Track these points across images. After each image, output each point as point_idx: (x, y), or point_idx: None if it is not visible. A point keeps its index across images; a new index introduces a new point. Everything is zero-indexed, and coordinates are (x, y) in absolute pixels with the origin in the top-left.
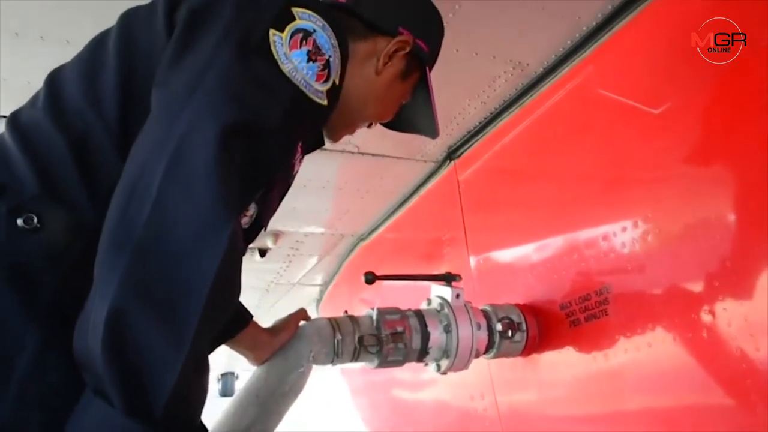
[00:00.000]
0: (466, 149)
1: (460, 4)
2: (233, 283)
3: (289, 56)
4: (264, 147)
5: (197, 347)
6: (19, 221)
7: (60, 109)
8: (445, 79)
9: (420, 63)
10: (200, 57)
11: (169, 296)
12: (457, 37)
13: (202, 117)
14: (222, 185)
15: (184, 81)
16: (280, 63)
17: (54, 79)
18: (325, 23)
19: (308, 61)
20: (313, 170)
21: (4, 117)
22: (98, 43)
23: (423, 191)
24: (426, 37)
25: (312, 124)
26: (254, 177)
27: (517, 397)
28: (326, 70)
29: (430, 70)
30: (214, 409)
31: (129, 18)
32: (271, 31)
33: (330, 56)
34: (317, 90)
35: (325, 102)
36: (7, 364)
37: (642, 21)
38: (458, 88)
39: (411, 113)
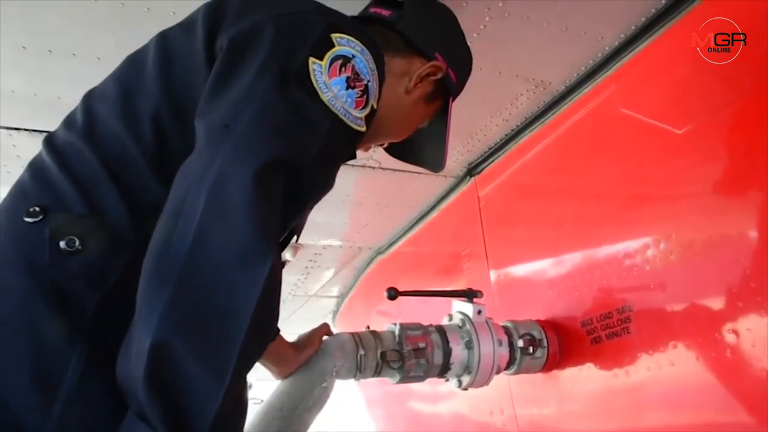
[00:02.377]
0: (486, 165)
1: (485, 24)
2: (273, 313)
3: (329, 84)
4: (304, 179)
5: (239, 377)
6: (62, 243)
7: (96, 132)
8: (468, 96)
9: (445, 92)
10: (239, 89)
11: (210, 329)
12: (481, 57)
13: (239, 153)
14: (260, 220)
15: (223, 114)
16: (320, 92)
17: (90, 101)
18: (364, 47)
19: (347, 88)
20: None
21: (36, 131)
22: (134, 64)
23: (443, 206)
24: (457, 68)
25: (351, 149)
26: (294, 207)
27: (537, 412)
28: (365, 96)
29: (452, 102)
30: None
31: (167, 42)
32: (311, 60)
33: (368, 81)
34: (356, 117)
35: (363, 128)
36: (51, 385)
37: (665, 41)
38: (480, 105)
39: (421, 144)
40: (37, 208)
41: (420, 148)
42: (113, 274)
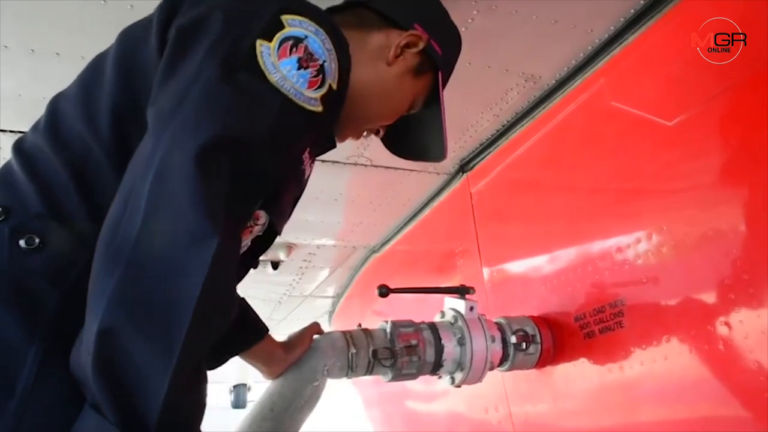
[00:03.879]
0: (478, 161)
1: (473, 18)
2: (225, 295)
3: (277, 66)
4: (254, 158)
5: (187, 360)
6: (21, 242)
7: (58, 131)
8: (458, 91)
9: (433, 65)
10: (185, 74)
11: (156, 312)
12: (470, 51)
13: (181, 135)
14: (202, 200)
15: (169, 99)
16: (267, 74)
17: (54, 103)
18: (319, 28)
19: (299, 68)
20: (326, 183)
21: (21, 132)
22: (96, 63)
23: (435, 203)
24: (441, 40)
25: (312, 131)
26: (248, 188)
27: (532, 409)
28: (320, 76)
29: (445, 80)
30: (226, 421)
31: (125, 36)
32: (258, 42)
33: (324, 61)
34: (309, 97)
35: (319, 108)
36: (8, 379)
37: (654, 33)
38: (471, 100)
39: (419, 135)
40: (0, 209)
41: (418, 140)
42: (74, 270)
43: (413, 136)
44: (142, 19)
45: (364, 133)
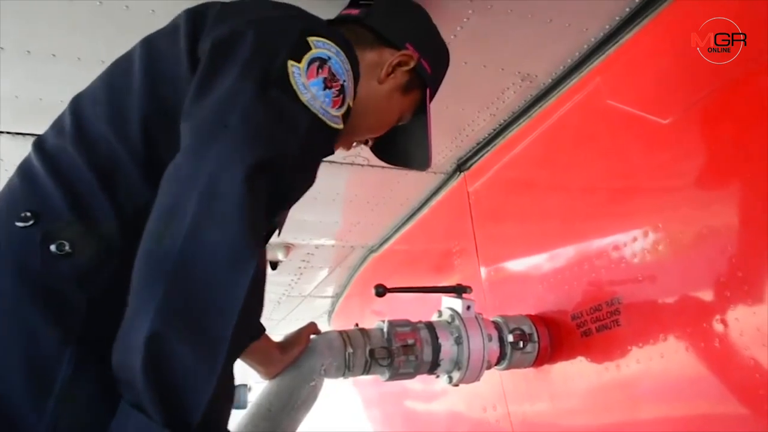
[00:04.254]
0: (475, 161)
1: (468, 18)
2: (258, 305)
3: (307, 86)
4: (287, 178)
5: (228, 366)
6: (52, 247)
7: (85, 136)
8: (454, 91)
9: (422, 83)
10: (222, 92)
11: (203, 322)
12: (465, 51)
13: (229, 156)
14: (249, 220)
15: (209, 117)
16: (299, 94)
17: (79, 106)
18: (339, 49)
19: (324, 88)
20: (323, 183)
21: (18, 134)
22: (120, 67)
23: (433, 203)
24: (430, 59)
25: (330, 146)
26: (277, 205)
27: (530, 407)
28: (341, 96)
29: (432, 96)
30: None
31: (151, 45)
32: (290, 63)
33: (344, 81)
34: (333, 116)
35: (340, 126)
36: (45, 383)
37: (649, 32)
38: (467, 100)
39: (406, 144)
40: (29, 213)
41: (405, 148)
42: (103, 276)
43: (400, 143)
44: (165, 28)
45: (354, 144)
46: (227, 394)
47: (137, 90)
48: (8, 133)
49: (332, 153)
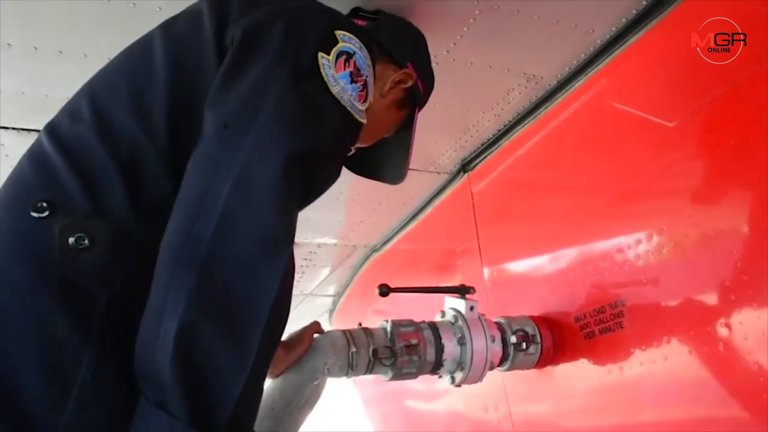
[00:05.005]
0: (480, 161)
1: (474, 18)
2: (289, 300)
3: (337, 78)
4: (321, 169)
5: (259, 363)
6: (71, 240)
7: (106, 126)
8: (460, 92)
9: (413, 102)
10: (253, 80)
11: (235, 313)
12: (471, 52)
13: (266, 145)
14: (284, 210)
15: (241, 105)
16: (329, 85)
17: (97, 95)
18: (362, 45)
19: (351, 82)
20: None
21: (24, 130)
22: (138, 55)
23: (436, 203)
24: (424, 80)
25: (355, 140)
26: (310, 197)
27: (532, 409)
28: (365, 90)
29: (418, 114)
30: None
31: (170, 31)
32: (320, 54)
33: (367, 77)
34: (360, 110)
35: (364, 120)
36: (64, 383)
37: (656, 34)
38: (472, 100)
39: (381, 157)
40: (44, 203)
41: (378, 161)
42: (122, 271)
43: (373, 156)
44: (184, 14)
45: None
46: (256, 395)
47: (161, 80)
48: (14, 128)
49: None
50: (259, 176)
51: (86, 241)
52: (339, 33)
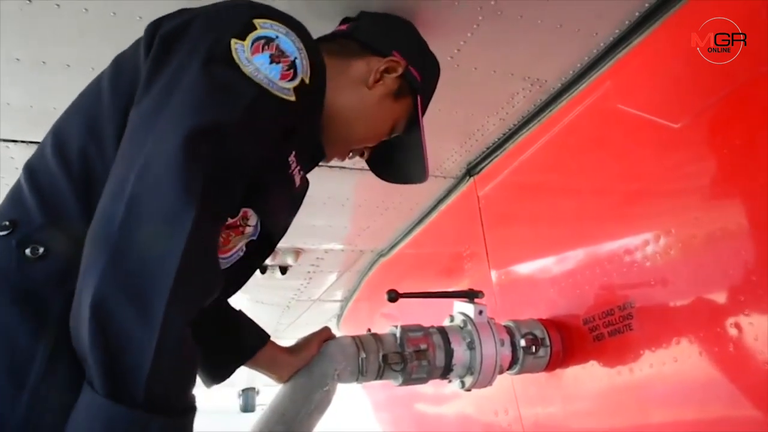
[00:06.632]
0: (485, 165)
1: (478, 24)
2: (204, 266)
3: (251, 59)
4: (230, 142)
5: (171, 328)
6: (27, 251)
7: (61, 148)
8: (464, 96)
9: (412, 90)
10: (168, 75)
11: (141, 281)
12: (475, 56)
13: (166, 131)
14: (181, 180)
15: (153, 100)
16: (241, 66)
17: (58, 122)
18: (289, 30)
19: (271, 63)
20: (333, 187)
21: (33, 143)
22: (95, 82)
23: (443, 207)
24: (419, 67)
25: (288, 121)
26: (227, 171)
27: (542, 412)
28: (292, 69)
29: (424, 106)
30: (235, 425)
31: (117, 61)
32: (233, 41)
33: (296, 58)
34: (282, 87)
35: (292, 97)
36: (20, 376)
37: (660, 36)
38: (477, 105)
39: (402, 159)
40: (8, 223)
41: (402, 163)
42: (77, 272)
43: (397, 160)
44: (134, 42)
45: (350, 154)
46: (179, 368)
47: (107, 105)
48: (23, 141)
49: (318, 146)
50: (159, 156)
51: (41, 251)
52: (258, 21)
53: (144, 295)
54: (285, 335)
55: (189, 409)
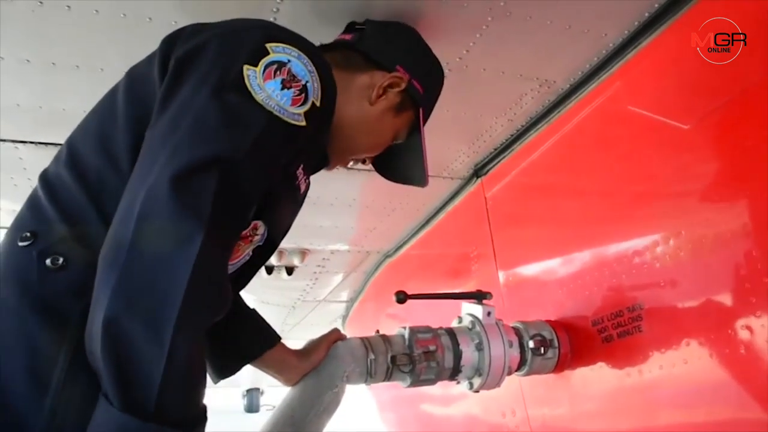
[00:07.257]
0: (493, 166)
1: (487, 25)
2: (213, 287)
3: (263, 86)
4: (241, 170)
5: (180, 345)
6: (47, 262)
7: (76, 161)
8: (472, 97)
9: (414, 103)
10: (180, 101)
11: (151, 301)
12: (484, 57)
13: (168, 159)
14: (182, 208)
15: (165, 125)
16: (253, 94)
17: (72, 135)
18: (301, 53)
19: (282, 88)
20: (340, 188)
21: (42, 144)
22: (109, 95)
23: (450, 208)
24: (422, 79)
25: (297, 144)
26: (238, 197)
27: (550, 413)
28: (303, 94)
29: (426, 115)
30: (240, 425)
31: (132, 73)
32: (245, 67)
33: (307, 81)
34: (293, 113)
35: (302, 122)
36: (43, 382)
37: (669, 37)
38: (485, 106)
39: (405, 162)
40: (28, 234)
41: (405, 165)
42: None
43: (401, 161)
44: (148, 56)
45: (351, 162)
46: (189, 380)
47: (121, 119)
48: (32, 142)
49: (317, 154)
50: (164, 181)
51: (61, 261)
52: (271, 45)
53: (153, 314)
54: (291, 336)
55: (200, 418)
